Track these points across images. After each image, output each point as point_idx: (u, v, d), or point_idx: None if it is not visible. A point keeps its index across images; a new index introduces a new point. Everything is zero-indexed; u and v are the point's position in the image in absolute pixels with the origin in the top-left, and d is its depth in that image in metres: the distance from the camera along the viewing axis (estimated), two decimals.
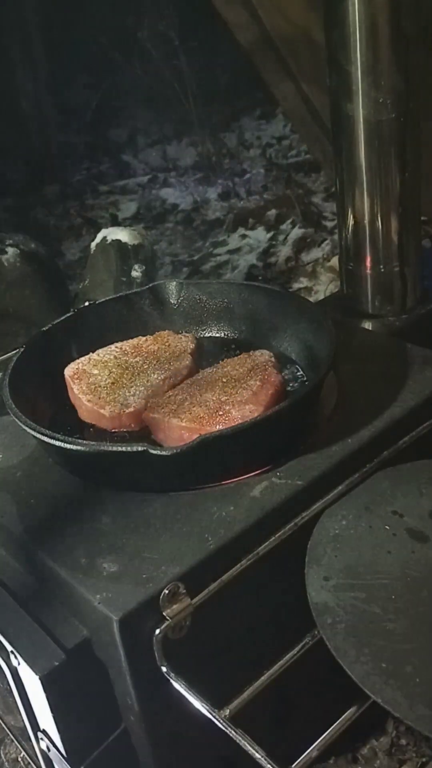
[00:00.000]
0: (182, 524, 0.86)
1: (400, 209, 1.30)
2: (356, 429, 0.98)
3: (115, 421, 1.03)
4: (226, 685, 0.74)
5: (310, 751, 0.68)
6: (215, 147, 3.38)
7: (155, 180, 3.36)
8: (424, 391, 1.04)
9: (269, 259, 2.55)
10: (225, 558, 0.83)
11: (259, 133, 3.70)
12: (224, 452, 0.89)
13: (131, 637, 0.77)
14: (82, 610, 0.82)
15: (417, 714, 0.65)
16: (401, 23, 1.17)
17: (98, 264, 2.06)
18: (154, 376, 1.08)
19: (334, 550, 0.82)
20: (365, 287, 1.37)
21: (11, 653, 0.82)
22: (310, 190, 2.97)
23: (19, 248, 2.01)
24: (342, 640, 0.72)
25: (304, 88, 2.21)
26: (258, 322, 1.20)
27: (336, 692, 0.71)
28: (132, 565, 0.82)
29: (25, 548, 0.89)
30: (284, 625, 0.81)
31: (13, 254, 1.99)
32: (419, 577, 0.79)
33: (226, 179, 3.18)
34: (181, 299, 1.24)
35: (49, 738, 0.86)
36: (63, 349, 1.15)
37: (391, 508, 0.88)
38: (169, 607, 0.78)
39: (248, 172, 3.25)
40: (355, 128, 1.24)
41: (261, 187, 3.07)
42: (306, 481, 0.90)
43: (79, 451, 0.89)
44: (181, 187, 3.21)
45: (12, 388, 1.00)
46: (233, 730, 0.69)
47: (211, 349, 1.21)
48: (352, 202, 1.31)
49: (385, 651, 0.70)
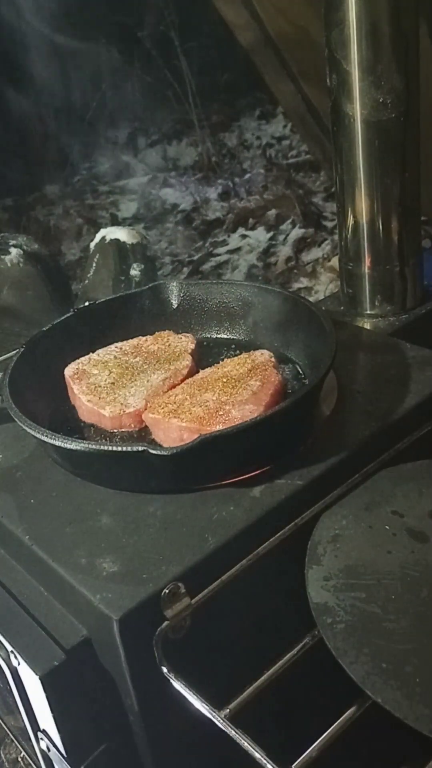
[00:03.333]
0: (182, 524, 0.86)
1: (400, 209, 1.30)
2: (356, 429, 0.98)
3: (115, 421, 1.03)
4: (226, 685, 0.74)
5: (310, 751, 0.68)
6: (215, 147, 3.39)
7: (155, 180, 3.36)
8: (424, 391, 1.04)
9: (269, 259, 2.55)
10: (225, 558, 0.82)
11: (259, 133, 3.70)
12: (224, 452, 0.89)
13: (131, 637, 0.77)
14: (82, 610, 0.82)
15: (417, 714, 0.65)
16: (401, 23, 1.17)
17: (97, 263, 2.06)
18: (154, 376, 1.08)
19: (334, 550, 0.82)
20: (365, 287, 1.37)
21: (11, 653, 0.82)
22: (310, 190, 2.97)
23: (22, 249, 2.01)
24: (342, 640, 0.72)
25: (304, 88, 2.21)
26: (258, 322, 1.20)
27: (336, 692, 0.70)
28: (132, 565, 0.82)
29: (25, 548, 0.89)
30: (284, 625, 0.81)
31: (16, 255, 1.99)
32: (419, 577, 0.79)
33: (226, 179, 3.18)
34: (181, 299, 1.24)
35: (49, 738, 0.86)
36: (63, 349, 1.15)
37: (391, 508, 0.88)
38: (169, 607, 0.78)
39: (248, 172, 3.25)
40: (355, 128, 1.24)
41: (261, 187, 3.07)
42: (306, 481, 0.90)
43: (79, 451, 0.89)
44: (181, 187, 3.21)
45: (12, 388, 1.00)
46: (233, 730, 0.69)
47: (211, 349, 1.21)
48: (352, 202, 1.31)
49: (385, 651, 0.70)
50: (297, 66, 2.15)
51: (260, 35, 2.12)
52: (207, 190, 3.14)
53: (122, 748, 0.87)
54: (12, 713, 0.94)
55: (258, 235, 2.69)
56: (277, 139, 3.58)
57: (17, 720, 0.92)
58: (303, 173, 3.12)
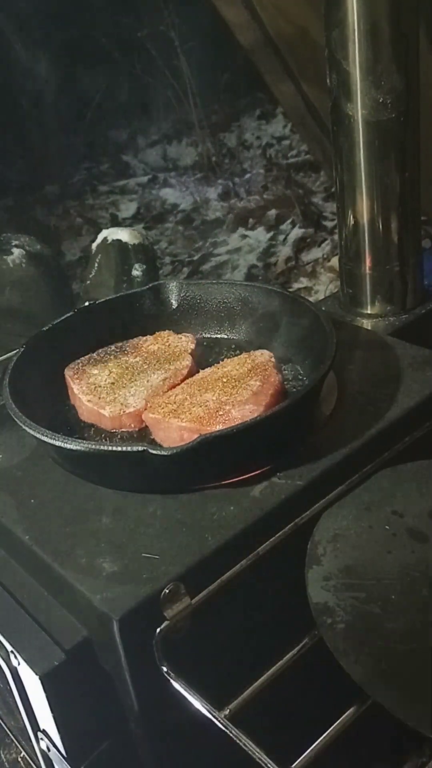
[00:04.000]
0: (182, 524, 0.86)
1: (400, 209, 1.30)
2: (356, 429, 0.98)
3: (115, 421, 1.03)
4: (226, 685, 0.74)
5: (310, 751, 0.68)
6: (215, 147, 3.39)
7: (155, 180, 3.36)
8: (424, 391, 1.04)
9: (269, 259, 2.55)
10: (225, 558, 0.82)
11: (259, 133, 3.70)
12: (224, 452, 0.89)
13: (131, 637, 0.77)
14: (82, 610, 0.82)
15: (417, 714, 0.65)
16: (401, 23, 1.17)
17: (99, 264, 2.06)
18: (154, 376, 1.08)
19: (334, 550, 0.82)
20: (365, 287, 1.37)
21: (11, 653, 0.82)
22: (310, 190, 2.97)
23: (25, 249, 2.01)
24: (342, 640, 0.72)
25: (304, 88, 2.21)
26: (258, 322, 1.20)
27: (336, 692, 0.70)
28: (132, 565, 0.82)
29: (25, 548, 0.89)
30: (284, 625, 0.81)
31: (18, 255, 1.99)
32: (419, 577, 0.79)
33: (226, 179, 3.18)
34: (181, 299, 1.24)
35: (49, 738, 0.86)
36: (63, 349, 1.15)
37: (391, 508, 0.88)
38: (169, 607, 0.78)
39: (248, 172, 3.25)
40: (355, 128, 1.24)
41: (261, 187, 3.07)
42: (306, 481, 0.90)
43: (79, 451, 0.89)
44: (181, 187, 3.21)
45: (12, 388, 1.00)
46: (233, 730, 0.69)
47: (211, 349, 1.21)
48: (352, 202, 1.31)
49: (385, 651, 0.70)
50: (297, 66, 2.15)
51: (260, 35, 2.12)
52: (207, 190, 3.14)
53: (122, 747, 0.87)
54: (12, 713, 0.94)
55: (258, 235, 2.69)
56: (277, 139, 3.58)
57: (17, 720, 0.92)
58: (303, 173, 3.12)
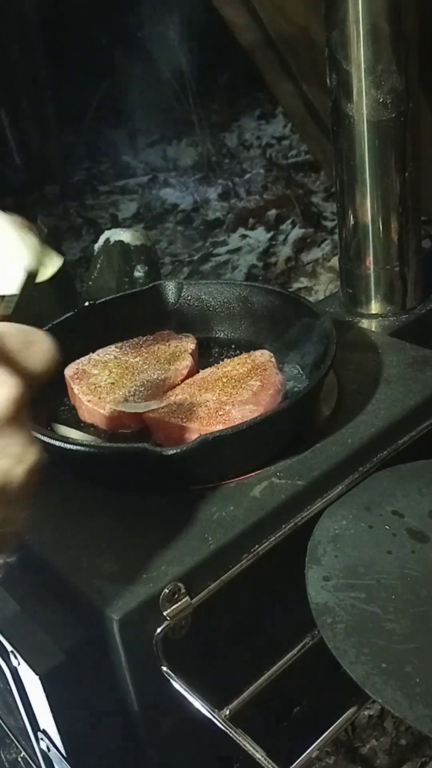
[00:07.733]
0: (182, 524, 0.86)
1: (400, 209, 1.30)
2: (356, 429, 0.98)
3: (115, 421, 1.03)
4: (226, 685, 0.74)
5: (310, 751, 0.68)
6: (215, 147, 3.39)
7: (155, 180, 3.36)
8: (424, 391, 1.04)
9: (269, 259, 2.55)
10: (225, 558, 0.83)
11: (259, 133, 3.70)
12: (224, 452, 0.89)
13: (131, 637, 0.77)
14: (82, 610, 0.82)
15: (417, 714, 0.65)
16: (401, 23, 1.17)
17: (101, 265, 2.07)
18: (154, 376, 1.07)
19: (334, 550, 0.82)
20: (365, 287, 1.37)
21: (11, 653, 0.82)
22: (310, 190, 2.97)
23: None
24: (342, 640, 0.72)
25: (304, 88, 2.20)
26: (258, 322, 1.20)
27: (336, 692, 0.71)
28: (132, 565, 0.81)
29: (25, 548, 0.89)
30: (284, 625, 0.81)
31: None
32: (419, 577, 0.79)
33: (226, 179, 3.18)
34: (182, 299, 1.24)
35: (49, 738, 0.86)
36: (63, 349, 1.15)
37: (391, 508, 0.88)
38: (169, 607, 0.78)
39: (248, 172, 3.25)
40: (355, 128, 1.24)
41: (261, 187, 3.07)
42: (306, 481, 0.90)
43: (79, 451, 0.89)
44: (181, 187, 3.21)
45: None
46: (233, 730, 0.69)
47: (211, 349, 1.21)
48: (352, 202, 1.31)
49: (385, 651, 0.70)
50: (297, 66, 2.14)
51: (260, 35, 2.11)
52: (207, 190, 3.14)
53: (122, 748, 0.87)
54: (12, 713, 0.94)
55: (258, 235, 2.69)
56: (277, 139, 3.58)
57: (17, 720, 0.92)
58: (303, 173, 3.12)
